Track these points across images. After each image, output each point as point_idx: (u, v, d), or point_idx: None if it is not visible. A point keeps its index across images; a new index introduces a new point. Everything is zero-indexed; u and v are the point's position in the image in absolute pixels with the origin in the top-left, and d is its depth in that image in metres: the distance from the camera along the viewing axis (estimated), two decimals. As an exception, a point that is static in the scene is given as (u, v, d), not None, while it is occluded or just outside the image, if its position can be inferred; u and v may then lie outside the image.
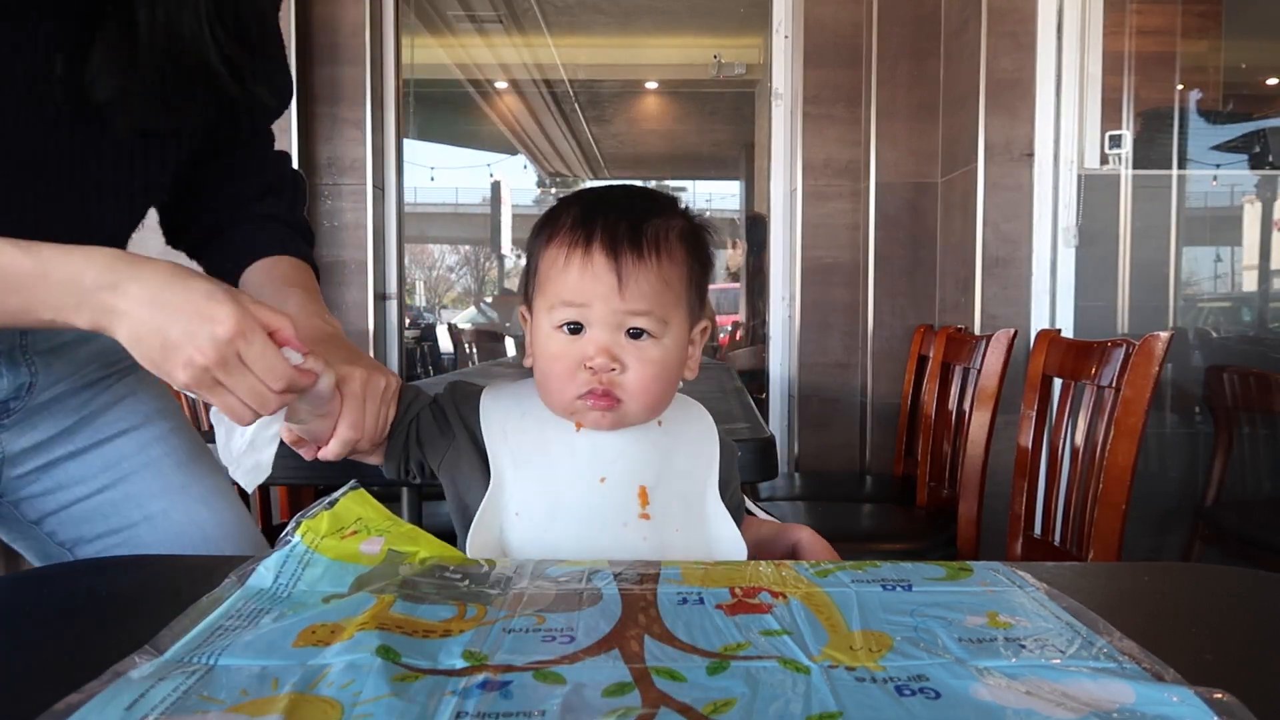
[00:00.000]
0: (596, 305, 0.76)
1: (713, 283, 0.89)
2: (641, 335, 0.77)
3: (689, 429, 0.86)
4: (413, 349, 6.23)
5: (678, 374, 0.81)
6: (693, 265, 0.80)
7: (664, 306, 0.77)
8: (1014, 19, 2.46)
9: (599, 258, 0.75)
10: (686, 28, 6.34)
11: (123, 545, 0.91)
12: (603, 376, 0.76)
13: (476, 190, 14.69)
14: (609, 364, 0.76)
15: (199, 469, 0.96)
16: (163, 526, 0.92)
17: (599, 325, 0.76)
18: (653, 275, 0.76)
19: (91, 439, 0.92)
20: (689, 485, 0.83)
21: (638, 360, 0.77)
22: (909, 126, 2.96)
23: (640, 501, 0.79)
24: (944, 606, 0.63)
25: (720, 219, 12.42)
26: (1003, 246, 2.50)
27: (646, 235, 0.76)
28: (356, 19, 3.04)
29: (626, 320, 0.76)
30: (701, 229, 0.83)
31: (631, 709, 0.48)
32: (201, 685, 0.50)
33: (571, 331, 0.77)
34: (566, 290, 0.76)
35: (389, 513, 0.79)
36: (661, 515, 0.80)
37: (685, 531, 0.80)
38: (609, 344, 0.76)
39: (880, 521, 2.34)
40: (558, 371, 0.78)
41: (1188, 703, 0.47)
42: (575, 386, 0.77)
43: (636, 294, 0.75)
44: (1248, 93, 3.54)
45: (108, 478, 0.92)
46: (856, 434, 3.12)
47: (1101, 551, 1.46)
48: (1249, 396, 2.48)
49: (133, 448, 0.93)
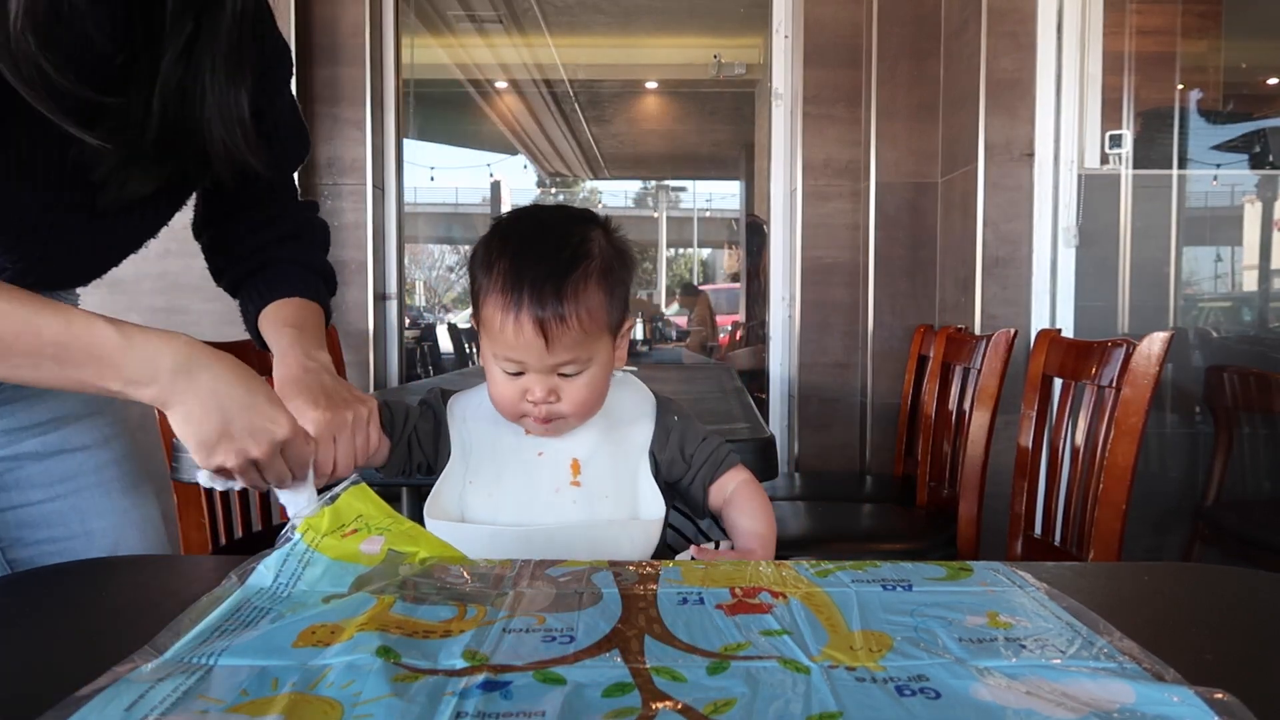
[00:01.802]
0: (530, 359, 0.89)
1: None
2: (572, 373, 0.91)
3: (624, 409, 0.99)
4: (413, 349, 6.23)
5: (607, 380, 0.96)
6: (611, 294, 0.92)
7: (588, 348, 0.91)
8: (1014, 19, 2.46)
9: (528, 325, 0.87)
10: (686, 28, 6.33)
11: (56, 554, 0.95)
12: (541, 408, 0.91)
13: (476, 190, 14.69)
14: (545, 398, 0.91)
15: (140, 496, 1.03)
16: (99, 543, 0.98)
17: (534, 373, 0.90)
18: (574, 329, 0.88)
19: (58, 445, 0.96)
20: (621, 458, 0.97)
21: (570, 389, 0.91)
22: (909, 126, 2.96)
23: (572, 471, 0.94)
24: (944, 606, 0.63)
25: (720, 220, 12.41)
26: (1003, 246, 2.50)
27: (566, 296, 0.88)
28: (356, 19, 3.04)
29: (557, 367, 0.90)
30: (618, 255, 0.94)
31: (631, 709, 0.48)
32: (201, 685, 0.50)
33: (513, 373, 0.91)
34: (504, 347, 0.90)
35: (390, 509, 0.79)
36: (591, 483, 0.94)
37: (614, 498, 0.94)
38: (544, 384, 0.90)
39: (880, 521, 2.34)
40: (503, 399, 0.93)
41: (1188, 703, 0.47)
42: (519, 411, 0.93)
43: (561, 348, 0.89)
44: (1248, 93, 3.54)
45: (62, 488, 0.97)
46: (856, 434, 3.12)
47: (1101, 551, 1.45)
48: (1249, 396, 2.48)
49: (91, 464, 0.99)
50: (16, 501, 0.94)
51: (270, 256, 1.05)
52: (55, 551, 0.95)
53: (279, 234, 1.06)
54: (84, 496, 0.98)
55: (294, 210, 1.11)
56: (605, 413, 0.97)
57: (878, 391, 3.00)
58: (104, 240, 0.92)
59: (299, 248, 1.08)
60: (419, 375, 5.75)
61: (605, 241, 0.94)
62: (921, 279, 2.96)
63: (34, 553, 0.95)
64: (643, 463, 0.97)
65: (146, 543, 1.02)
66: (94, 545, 0.97)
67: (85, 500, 0.98)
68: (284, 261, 1.05)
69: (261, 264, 1.05)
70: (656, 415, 1.00)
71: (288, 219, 1.09)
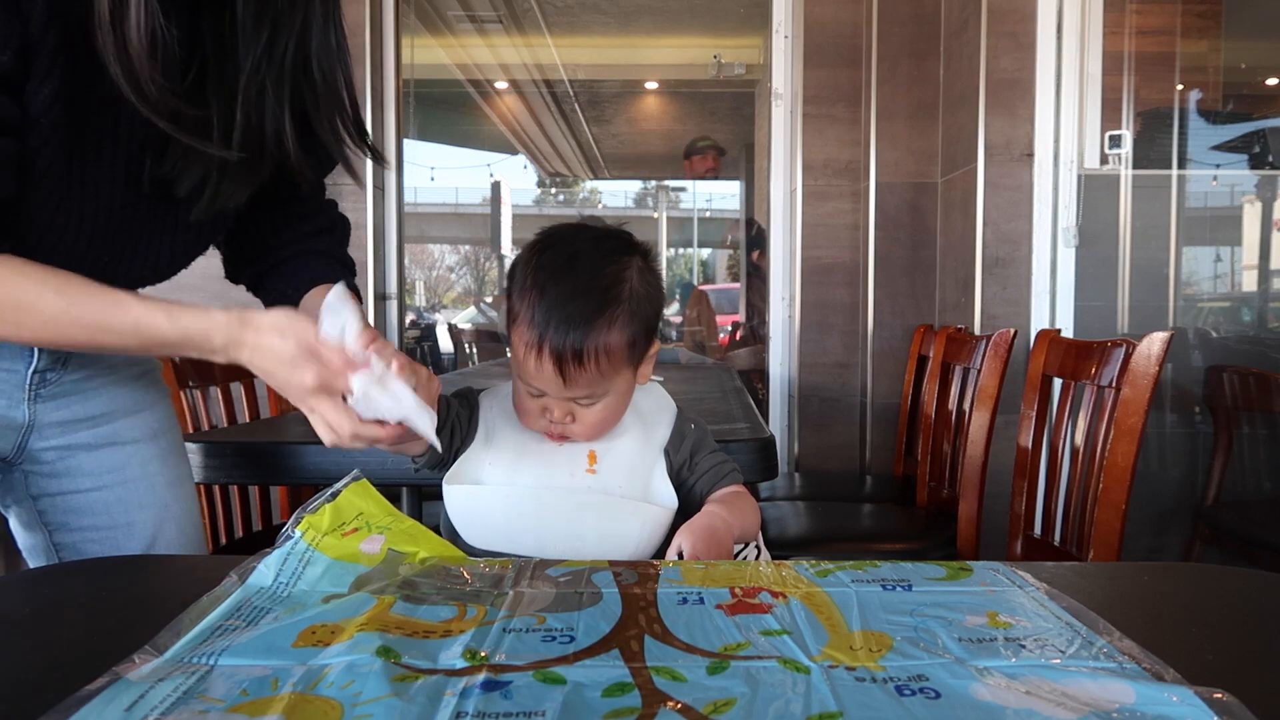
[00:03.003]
0: (549, 390, 0.93)
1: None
2: (588, 404, 0.95)
3: (646, 411, 1.03)
4: (413, 349, 6.22)
5: (625, 404, 0.99)
6: (635, 335, 0.94)
7: (604, 384, 0.94)
8: (1014, 19, 2.46)
9: (547, 363, 0.91)
10: (686, 28, 6.33)
11: (99, 543, 1.00)
12: (556, 427, 0.96)
13: (476, 190, 14.66)
14: (562, 419, 0.95)
15: (181, 491, 1.08)
16: (139, 535, 1.02)
17: (553, 399, 0.94)
18: (592, 371, 0.92)
19: (109, 438, 1.01)
20: (637, 454, 1.00)
21: (586, 414, 0.96)
22: (909, 126, 2.96)
23: (589, 461, 0.98)
24: (944, 606, 0.63)
25: (720, 220, 12.37)
26: (1003, 246, 2.50)
27: (587, 342, 0.91)
28: (356, 19, 3.04)
29: (574, 399, 0.94)
30: (647, 296, 0.96)
31: (631, 709, 0.48)
32: (201, 685, 0.50)
33: (535, 395, 0.95)
34: (527, 374, 0.94)
35: (391, 506, 0.79)
36: (606, 473, 0.98)
37: (627, 489, 0.98)
38: (562, 408, 0.95)
39: (880, 521, 2.34)
40: (525, 411, 0.98)
41: (1188, 703, 0.47)
42: (539, 425, 0.97)
43: (578, 387, 0.92)
44: (1248, 93, 3.54)
45: (110, 479, 1.01)
46: (856, 434, 3.12)
47: (1101, 551, 1.45)
48: (1249, 396, 2.48)
49: (139, 458, 1.03)
50: (67, 488, 0.99)
51: (306, 247, 1.08)
52: (97, 539, 1.00)
53: (313, 228, 1.09)
54: (129, 488, 1.02)
55: (326, 206, 1.14)
56: (628, 411, 1.01)
57: (878, 391, 3.00)
58: (184, 244, 0.97)
59: (332, 241, 1.11)
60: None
61: (637, 280, 0.95)
62: (921, 279, 2.96)
63: (77, 538, 0.99)
64: (659, 460, 1.01)
65: (184, 538, 1.06)
66: (134, 536, 1.01)
67: (130, 492, 1.02)
68: (318, 254, 1.08)
69: (295, 253, 1.07)
70: (675, 421, 1.04)
71: (322, 215, 1.12)
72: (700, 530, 0.91)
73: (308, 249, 1.08)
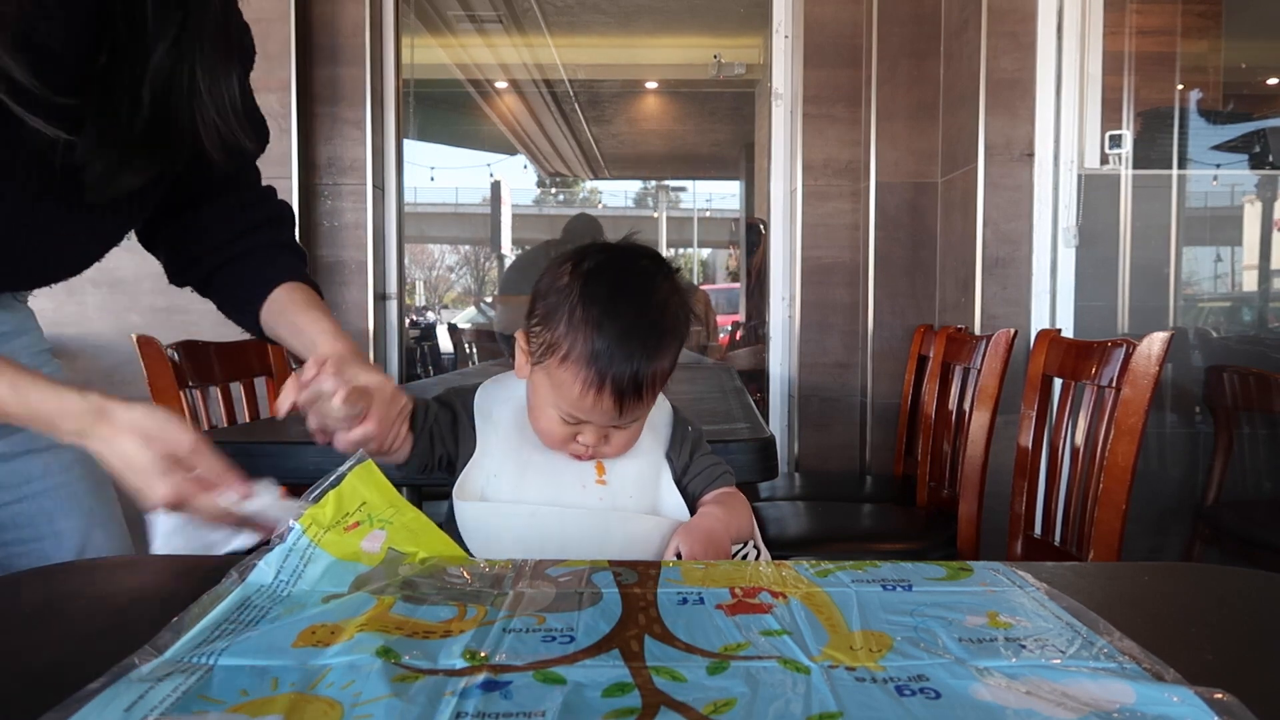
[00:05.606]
0: (597, 420, 0.92)
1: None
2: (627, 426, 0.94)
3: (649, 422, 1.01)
4: (413, 349, 6.22)
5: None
6: (676, 357, 0.94)
7: (650, 405, 0.95)
8: (1014, 19, 2.46)
9: (608, 400, 0.89)
10: (686, 28, 6.33)
11: (25, 555, 0.96)
12: (589, 450, 0.94)
13: (476, 190, 14.68)
14: (596, 443, 0.94)
15: (105, 496, 1.04)
16: (67, 544, 0.98)
17: (594, 428, 0.93)
18: (647, 401, 0.93)
19: (23, 446, 0.96)
20: (645, 463, 0.99)
21: (620, 436, 0.95)
22: (909, 126, 2.96)
23: (598, 472, 0.97)
24: (944, 606, 0.63)
25: (720, 220, 12.38)
26: (1003, 246, 2.50)
27: (647, 378, 0.90)
28: (356, 19, 3.04)
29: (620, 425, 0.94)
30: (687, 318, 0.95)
31: (631, 709, 0.48)
32: (201, 685, 0.50)
33: (572, 422, 0.93)
34: (574, 407, 0.91)
35: (395, 493, 0.79)
36: (616, 483, 0.96)
37: (638, 500, 0.97)
38: (599, 434, 0.94)
39: (880, 521, 2.34)
40: (552, 437, 0.94)
41: (1188, 703, 0.47)
42: (568, 449, 0.95)
43: (630, 415, 0.92)
44: (1248, 93, 3.54)
45: (29, 489, 0.97)
46: (856, 434, 3.12)
47: (1101, 551, 1.45)
48: (1249, 396, 2.48)
49: (56, 465, 0.98)
50: None
51: (251, 244, 1.04)
52: (24, 553, 0.96)
53: (254, 220, 1.05)
54: (51, 498, 0.98)
55: (265, 194, 1.09)
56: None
57: (878, 391, 3.00)
58: (88, 234, 0.92)
59: (277, 231, 1.07)
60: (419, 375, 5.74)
61: (675, 302, 0.94)
62: (921, 279, 2.96)
63: (3, 554, 0.95)
64: (664, 468, 1.00)
65: (113, 543, 1.02)
66: (63, 546, 0.97)
67: (52, 501, 0.98)
68: (267, 247, 1.04)
69: (242, 252, 1.03)
70: (674, 423, 1.04)
71: (261, 204, 1.08)
72: (698, 531, 0.91)
73: (258, 245, 1.04)
